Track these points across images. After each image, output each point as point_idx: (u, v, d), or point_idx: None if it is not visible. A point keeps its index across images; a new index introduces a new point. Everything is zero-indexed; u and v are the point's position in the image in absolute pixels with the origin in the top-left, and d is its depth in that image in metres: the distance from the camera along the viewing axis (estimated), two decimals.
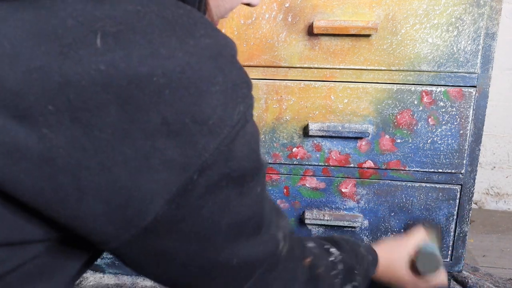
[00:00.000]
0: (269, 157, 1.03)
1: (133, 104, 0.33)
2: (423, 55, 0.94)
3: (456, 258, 1.06)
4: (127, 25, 0.34)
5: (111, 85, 0.32)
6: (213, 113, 0.35)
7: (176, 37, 0.35)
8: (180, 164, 0.35)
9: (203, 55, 0.35)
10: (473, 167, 0.99)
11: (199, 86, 0.34)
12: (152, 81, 0.33)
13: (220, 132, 0.36)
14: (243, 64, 0.97)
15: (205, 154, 0.35)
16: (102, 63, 0.32)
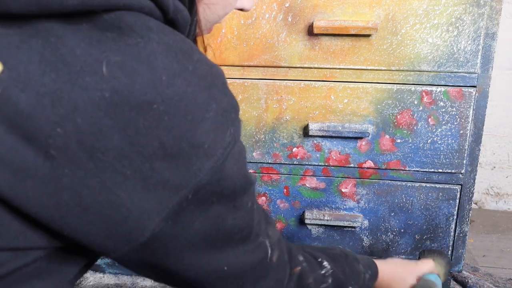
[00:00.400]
0: (269, 157, 1.03)
1: (134, 129, 0.35)
2: (423, 55, 0.94)
3: (456, 258, 1.06)
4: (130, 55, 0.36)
5: (115, 111, 0.34)
6: (207, 137, 0.38)
7: (177, 61, 0.38)
8: (176, 185, 0.38)
9: (199, 85, 0.38)
10: (473, 167, 0.99)
11: (195, 114, 0.37)
12: (152, 108, 0.35)
13: (214, 154, 0.39)
14: (243, 64, 0.97)
15: (200, 175, 0.38)
16: (107, 90, 0.34)
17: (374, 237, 1.06)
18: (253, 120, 1.01)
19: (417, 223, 1.04)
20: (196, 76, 0.38)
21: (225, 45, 0.97)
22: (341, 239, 1.07)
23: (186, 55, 0.39)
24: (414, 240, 1.05)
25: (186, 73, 0.38)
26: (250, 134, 1.02)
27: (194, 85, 0.38)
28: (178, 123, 0.37)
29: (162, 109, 0.36)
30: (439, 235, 1.04)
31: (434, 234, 1.04)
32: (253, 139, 1.02)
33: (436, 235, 1.04)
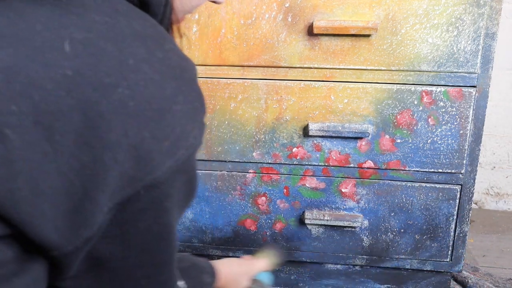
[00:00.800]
0: (269, 157, 1.03)
1: (96, 112, 0.33)
2: (423, 55, 0.94)
3: (456, 258, 1.06)
4: (96, 33, 0.34)
5: (77, 91, 0.32)
6: (171, 132, 0.36)
7: (145, 47, 0.35)
8: (131, 178, 0.35)
9: (167, 74, 0.36)
10: (473, 167, 0.99)
11: (162, 103, 0.35)
12: (117, 92, 0.33)
13: (175, 153, 0.37)
14: (243, 64, 0.97)
15: (158, 172, 0.36)
16: (69, 68, 0.32)
17: (374, 237, 1.06)
18: (253, 120, 1.01)
19: (417, 223, 1.04)
20: (165, 65, 0.36)
21: (225, 45, 0.97)
22: (341, 239, 1.07)
23: (156, 42, 0.37)
24: (414, 240, 1.05)
25: (154, 60, 0.36)
26: (250, 134, 1.02)
27: (162, 74, 0.36)
28: (144, 111, 0.34)
29: (127, 93, 0.34)
30: (439, 235, 1.04)
31: (434, 234, 1.04)
32: (253, 139, 1.02)
33: (436, 235, 1.04)
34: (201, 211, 1.08)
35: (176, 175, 0.38)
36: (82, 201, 0.34)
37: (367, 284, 1.13)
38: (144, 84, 0.34)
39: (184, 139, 0.37)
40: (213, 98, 1.00)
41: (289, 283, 1.15)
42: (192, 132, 0.38)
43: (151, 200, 0.37)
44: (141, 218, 0.38)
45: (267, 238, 1.09)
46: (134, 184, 0.35)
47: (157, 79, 0.35)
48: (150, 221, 0.39)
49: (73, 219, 0.34)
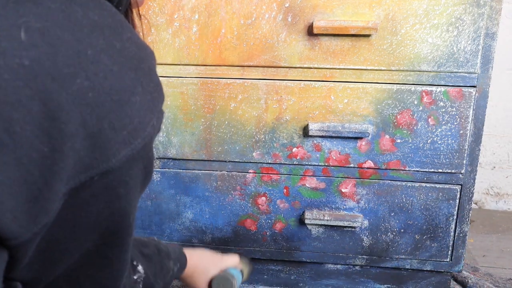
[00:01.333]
0: (269, 157, 1.03)
1: (55, 103, 0.32)
2: (423, 55, 0.94)
3: (456, 258, 1.06)
4: (54, 22, 0.33)
5: (35, 81, 0.32)
6: (130, 122, 0.36)
7: (103, 37, 0.35)
8: (87, 165, 0.35)
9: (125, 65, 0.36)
10: (473, 167, 0.99)
11: (121, 95, 0.35)
12: (75, 82, 0.33)
13: (132, 142, 0.37)
14: (243, 64, 0.97)
15: (113, 160, 0.36)
16: (26, 58, 0.31)
17: (374, 237, 1.06)
18: (253, 120, 1.01)
19: (417, 223, 1.04)
20: (123, 56, 0.36)
21: (225, 45, 0.97)
22: (341, 239, 1.07)
23: (114, 32, 0.37)
24: (414, 240, 1.05)
25: (113, 51, 0.36)
26: (250, 134, 1.02)
27: (120, 64, 0.36)
28: (103, 102, 0.34)
29: (86, 84, 0.33)
30: (439, 235, 1.04)
31: (434, 234, 1.04)
32: (253, 139, 1.02)
33: (436, 235, 1.04)
34: (201, 211, 1.08)
35: (132, 163, 0.38)
36: (40, 190, 0.34)
37: (367, 284, 1.13)
38: (103, 75, 0.34)
39: (142, 129, 0.38)
40: (213, 98, 1.00)
41: (289, 283, 1.15)
42: (150, 122, 0.38)
43: (104, 186, 0.38)
44: (93, 203, 0.38)
45: (267, 238, 1.09)
46: (89, 171, 0.36)
47: (116, 70, 0.35)
48: (102, 205, 0.39)
49: (31, 208, 0.34)
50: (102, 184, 0.37)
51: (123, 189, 0.39)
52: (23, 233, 0.34)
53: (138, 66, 0.38)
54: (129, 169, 0.39)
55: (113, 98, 0.35)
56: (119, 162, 0.37)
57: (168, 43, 0.98)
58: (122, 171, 0.38)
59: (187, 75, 1.00)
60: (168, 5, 0.96)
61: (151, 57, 0.41)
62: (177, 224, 1.10)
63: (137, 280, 0.61)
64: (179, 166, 1.06)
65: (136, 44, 0.39)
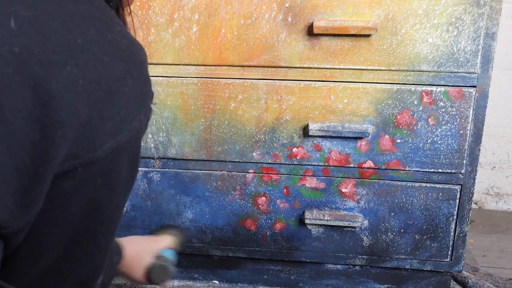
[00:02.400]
0: (269, 157, 1.03)
1: (46, 90, 0.32)
2: (423, 55, 0.94)
3: (456, 258, 1.06)
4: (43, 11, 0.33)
5: (25, 68, 0.31)
6: (117, 113, 0.36)
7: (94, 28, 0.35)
8: (74, 154, 0.35)
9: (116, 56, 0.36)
10: (473, 167, 0.99)
11: (111, 84, 0.35)
12: (66, 70, 0.33)
13: (118, 134, 0.37)
14: (243, 64, 0.97)
15: (99, 151, 0.36)
16: (16, 45, 0.31)
17: (374, 237, 1.06)
18: (253, 120, 1.01)
19: (417, 223, 1.04)
20: (114, 47, 0.36)
21: (225, 45, 0.97)
22: (341, 239, 1.07)
23: (105, 24, 0.37)
24: (414, 240, 1.05)
25: (104, 41, 0.36)
26: (250, 134, 1.02)
27: (111, 55, 0.36)
28: (93, 91, 0.34)
29: (76, 72, 0.33)
30: (439, 235, 1.04)
31: (434, 234, 1.04)
32: (253, 139, 1.02)
33: (436, 235, 1.04)
34: (201, 211, 1.08)
35: (115, 155, 0.38)
36: (32, 179, 0.33)
37: (367, 284, 1.13)
38: (93, 64, 0.34)
39: (128, 122, 0.37)
40: (213, 98, 1.00)
41: (289, 283, 1.15)
42: (138, 115, 0.38)
43: (86, 177, 0.37)
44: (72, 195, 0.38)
45: (267, 238, 1.09)
46: (75, 160, 0.35)
47: (106, 60, 0.35)
48: (81, 197, 0.38)
49: (23, 197, 0.34)
50: (84, 175, 0.37)
51: (101, 180, 0.39)
52: (14, 222, 0.34)
53: (129, 59, 0.37)
54: (111, 161, 0.38)
55: (102, 88, 0.35)
56: (104, 153, 0.36)
57: (168, 43, 0.98)
58: (105, 162, 0.37)
59: (187, 75, 1.00)
60: (168, 5, 0.96)
61: (142, 53, 0.40)
62: (177, 224, 1.10)
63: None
64: (179, 166, 1.06)
65: (127, 38, 0.39)
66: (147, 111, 0.40)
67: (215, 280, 1.17)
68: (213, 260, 1.15)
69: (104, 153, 0.36)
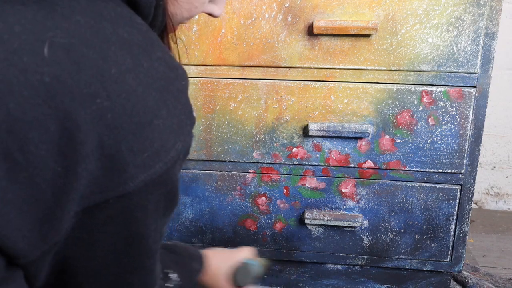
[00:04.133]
0: (269, 157, 1.03)
1: (73, 123, 0.31)
2: (423, 55, 0.94)
3: (456, 258, 1.06)
4: (80, 38, 0.32)
5: (54, 99, 0.31)
6: (150, 146, 0.35)
7: (131, 56, 0.34)
8: (102, 185, 0.34)
9: (151, 86, 0.35)
10: (473, 167, 0.99)
11: (142, 117, 0.34)
12: (95, 102, 0.32)
13: (152, 166, 0.35)
14: (243, 64, 0.97)
15: (130, 184, 0.35)
16: (47, 74, 0.30)
17: (374, 237, 1.06)
18: (253, 120, 1.01)
19: (417, 223, 1.04)
20: (150, 76, 0.35)
21: (225, 45, 0.97)
22: (341, 239, 1.07)
23: (144, 50, 0.35)
24: (414, 240, 1.05)
25: (139, 70, 0.34)
26: (250, 134, 1.02)
27: (146, 85, 0.34)
28: (122, 124, 0.33)
29: (106, 105, 0.32)
30: (439, 235, 1.04)
31: (434, 234, 1.04)
32: (253, 139, 1.02)
33: (436, 235, 1.04)
34: (201, 211, 1.08)
35: (151, 187, 0.37)
36: (52, 209, 0.33)
37: (367, 284, 1.13)
38: (126, 96, 0.33)
39: (164, 153, 0.36)
40: (213, 98, 1.00)
41: (289, 283, 1.15)
42: (175, 146, 0.37)
43: (121, 210, 0.36)
44: (109, 224, 0.37)
45: (267, 238, 1.09)
46: (104, 192, 0.34)
47: (140, 91, 0.34)
48: (119, 228, 0.38)
49: (41, 226, 0.33)
50: (119, 207, 0.36)
51: (140, 213, 0.38)
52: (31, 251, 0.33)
53: (165, 88, 0.36)
54: (148, 193, 0.37)
55: (133, 120, 0.33)
56: (136, 186, 0.35)
57: None
58: (141, 195, 0.36)
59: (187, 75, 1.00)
60: None
61: (182, 78, 0.39)
62: (177, 224, 1.10)
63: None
64: None
65: (166, 64, 0.37)
66: (187, 138, 0.38)
67: None
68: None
69: (137, 186, 0.35)
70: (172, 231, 1.10)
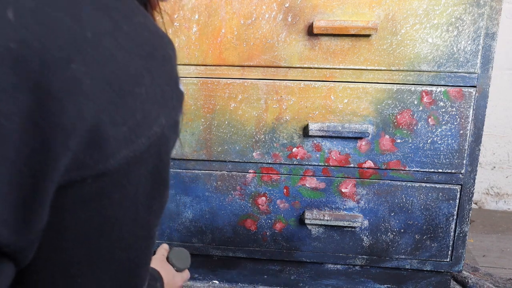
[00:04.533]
0: (269, 157, 1.03)
1: (45, 91, 0.28)
2: (423, 55, 0.94)
3: (456, 258, 1.06)
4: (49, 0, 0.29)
5: (22, 67, 0.28)
6: (132, 117, 0.31)
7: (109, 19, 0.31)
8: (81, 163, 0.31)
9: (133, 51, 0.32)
10: (473, 167, 0.99)
11: (123, 85, 0.31)
12: (69, 68, 0.29)
13: (134, 141, 0.32)
14: (243, 64, 0.97)
15: (111, 161, 0.32)
16: (13, 40, 0.28)
17: (374, 237, 1.06)
18: (253, 120, 1.01)
19: (417, 223, 1.04)
20: (131, 41, 0.32)
21: (225, 45, 0.97)
22: (341, 239, 1.07)
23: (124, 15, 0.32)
24: (414, 240, 1.05)
25: (119, 34, 0.31)
26: (250, 134, 1.02)
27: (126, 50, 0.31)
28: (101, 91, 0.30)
29: (82, 70, 0.29)
30: (439, 235, 1.04)
31: (434, 234, 1.04)
32: (253, 139, 1.02)
33: (436, 235, 1.04)
34: (201, 211, 1.08)
35: (133, 166, 0.33)
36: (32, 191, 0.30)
37: (367, 284, 1.13)
38: (104, 61, 0.30)
39: (146, 127, 0.33)
40: (213, 98, 1.00)
41: (289, 283, 1.15)
42: (158, 119, 0.33)
43: (98, 191, 0.33)
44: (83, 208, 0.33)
45: (267, 238, 1.09)
46: (82, 170, 0.31)
47: (120, 57, 0.31)
48: (93, 213, 0.34)
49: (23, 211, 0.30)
50: (96, 188, 0.33)
51: (117, 194, 0.34)
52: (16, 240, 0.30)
53: (149, 54, 0.33)
54: (129, 172, 0.33)
55: (113, 88, 0.30)
56: (117, 164, 0.32)
57: None
58: (120, 174, 0.33)
59: (187, 75, 1.00)
60: (168, 5, 0.96)
61: (169, 47, 0.35)
62: (177, 224, 1.10)
63: None
64: (179, 166, 1.06)
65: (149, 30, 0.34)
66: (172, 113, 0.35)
67: (215, 280, 1.17)
68: (213, 260, 1.15)
69: (118, 163, 0.32)
70: (172, 231, 1.10)
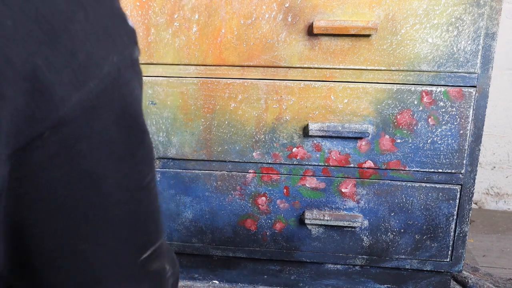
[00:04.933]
0: (269, 157, 1.03)
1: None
2: (423, 55, 0.94)
3: (456, 258, 1.06)
4: None
5: None
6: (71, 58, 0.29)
7: None
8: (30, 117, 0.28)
9: None
10: (473, 167, 0.99)
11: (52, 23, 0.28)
12: None
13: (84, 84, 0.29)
14: (243, 64, 0.97)
15: (63, 109, 0.29)
16: None
17: (374, 237, 1.06)
18: (253, 120, 1.01)
19: (417, 223, 1.04)
20: None
21: (225, 45, 0.97)
22: (341, 239, 1.07)
23: None
24: (414, 240, 1.05)
25: None
26: (250, 134, 1.02)
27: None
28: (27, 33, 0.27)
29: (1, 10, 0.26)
30: (439, 235, 1.04)
31: (434, 234, 1.04)
32: (253, 139, 1.02)
33: (436, 235, 1.04)
34: (201, 211, 1.08)
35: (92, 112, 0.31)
36: None
37: (367, 284, 1.13)
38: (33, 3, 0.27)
39: (95, 68, 0.30)
40: (213, 98, 1.00)
41: (289, 283, 1.15)
42: (108, 58, 0.31)
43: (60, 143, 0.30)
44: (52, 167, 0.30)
45: (267, 238, 1.09)
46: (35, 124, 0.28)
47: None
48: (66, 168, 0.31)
49: None
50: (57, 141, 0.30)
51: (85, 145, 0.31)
52: None
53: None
54: (89, 119, 0.31)
55: (42, 27, 0.27)
56: (71, 110, 0.29)
57: (168, 43, 0.98)
58: (79, 122, 0.30)
59: (187, 75, 1.00)
60: (168, 5, 0.96)
61: None
62: (177, 224, 1.10)
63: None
64: (179, 166, 1.06)
65: None
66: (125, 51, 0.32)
67: (215, 280, 1.17)
68: (213, 260, 1.16)
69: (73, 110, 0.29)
70: (172, 231, 1.10)
